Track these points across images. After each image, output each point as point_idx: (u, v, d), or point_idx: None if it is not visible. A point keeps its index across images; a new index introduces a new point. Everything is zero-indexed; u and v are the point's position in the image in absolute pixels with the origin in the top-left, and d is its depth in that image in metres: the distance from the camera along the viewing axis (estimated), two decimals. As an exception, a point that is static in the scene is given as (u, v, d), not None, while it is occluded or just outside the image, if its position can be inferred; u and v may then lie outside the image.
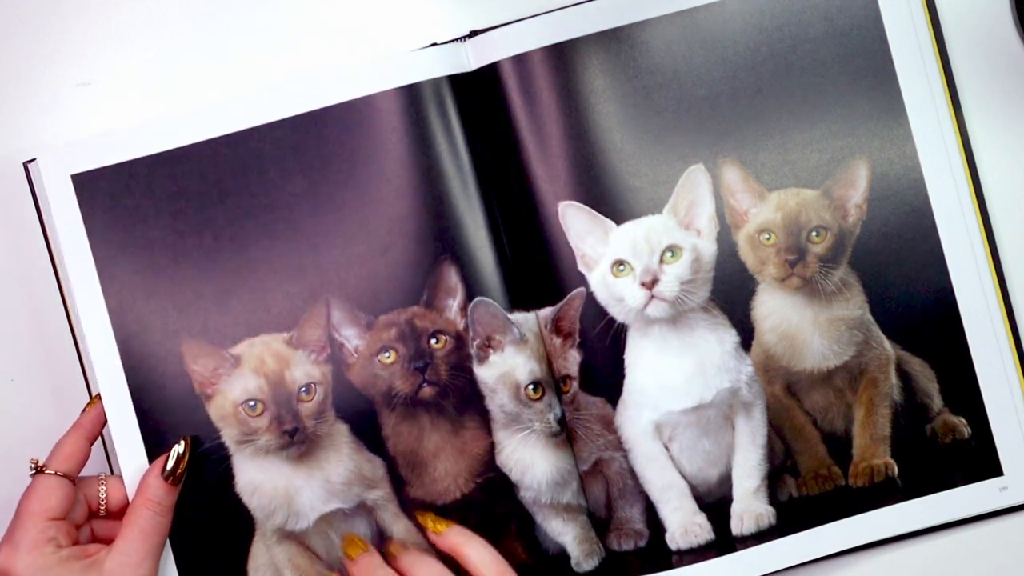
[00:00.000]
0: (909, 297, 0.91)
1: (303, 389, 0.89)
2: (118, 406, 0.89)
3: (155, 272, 0.90)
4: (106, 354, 0.89)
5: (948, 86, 0.91)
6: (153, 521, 0.87)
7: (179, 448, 0.88)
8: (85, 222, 0.90)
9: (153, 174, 0.90)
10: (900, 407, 0.91)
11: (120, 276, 0.90)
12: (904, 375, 0.91)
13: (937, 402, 0.91)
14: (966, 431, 0.91)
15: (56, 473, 0.86)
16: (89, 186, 0.90)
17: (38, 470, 0.87)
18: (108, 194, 0.90)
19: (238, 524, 0.90)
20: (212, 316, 0.90)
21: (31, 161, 0.91)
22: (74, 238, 0.89)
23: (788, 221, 0.91)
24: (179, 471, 0.88)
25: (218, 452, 0.89)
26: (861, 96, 0.91)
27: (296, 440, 0.89)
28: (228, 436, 0.89)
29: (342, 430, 0.90)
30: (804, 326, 0.91)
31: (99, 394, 0.89)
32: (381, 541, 0.91)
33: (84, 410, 0.89)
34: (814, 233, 0.91)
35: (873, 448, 0.91)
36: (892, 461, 0.91)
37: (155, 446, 0.89)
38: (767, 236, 0.91)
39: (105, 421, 0.89)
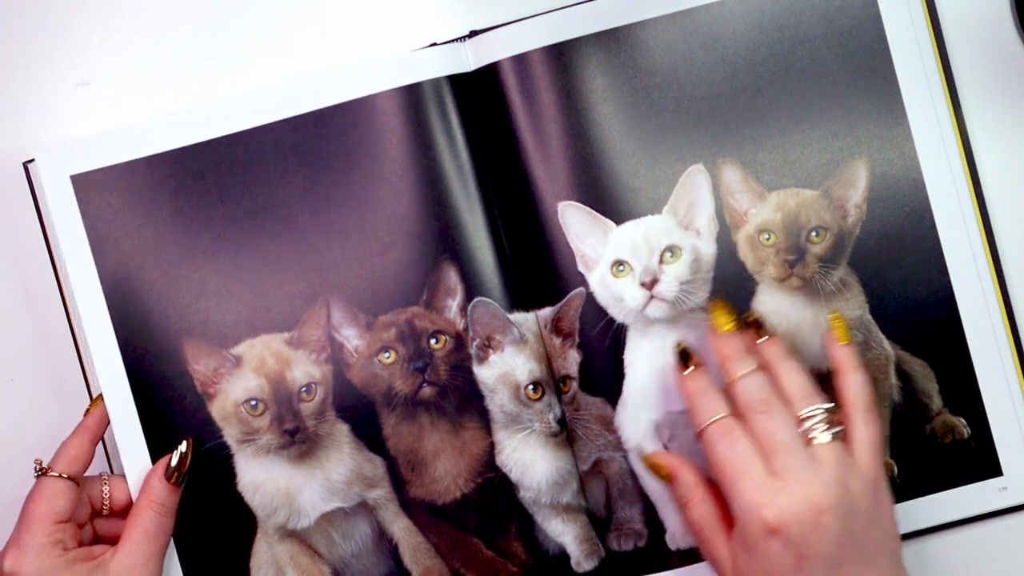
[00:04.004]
0: (909, 297, 0.91)
1: (304, 389, 0.90)
2: (120, 407, 0.89)
3: (155, 272, 0.90)
4: (107, 355, 0.89)
5: (948, 86, 0.91)
6: (157, 522, 0.87)
7: (181, 448, 0.88)
8: (84, 222, 0.90)
9: (153, 174, 0.90)
10: (900, 407, 0.91)
11: (120, 277, 0.90)
12: (904, 375, 0.91)
13: (937, 402, 0.91)
14: (966, 431, 0.91)
15: (61, 475, 0.86)
16: (88, 186, 0.90)
17: (43, 472, 0.87)
18: (107, 194, 0.90)
19: (240, 523, 0.90)
20: (213, 316, 0.90)
21: (31, 161, 0.91)
22: (73, 239, 0.90)
23: (788, 221, 0.90)
24: (182, 471, 0.88)
25: (220, 451, 0.90)
26: (861, 96, 0.91)
27: (297, 439, 0.89)
28: (230, 435, 0.90)
29: (342, 430, 0.90)
30: (804, 326, 0.91)
31: (100, 395, 0.89)
32: (381, 539, 0.91)
33: (87, 411, 0.89)
34: (814, 233, 0.90)
35: (872, 448, 0.91)
36: (892, 461, 0.91)
37: (158, 446, 0.89)
38: (767, 236, 0.91)
39: (108, 422, 0.89)
